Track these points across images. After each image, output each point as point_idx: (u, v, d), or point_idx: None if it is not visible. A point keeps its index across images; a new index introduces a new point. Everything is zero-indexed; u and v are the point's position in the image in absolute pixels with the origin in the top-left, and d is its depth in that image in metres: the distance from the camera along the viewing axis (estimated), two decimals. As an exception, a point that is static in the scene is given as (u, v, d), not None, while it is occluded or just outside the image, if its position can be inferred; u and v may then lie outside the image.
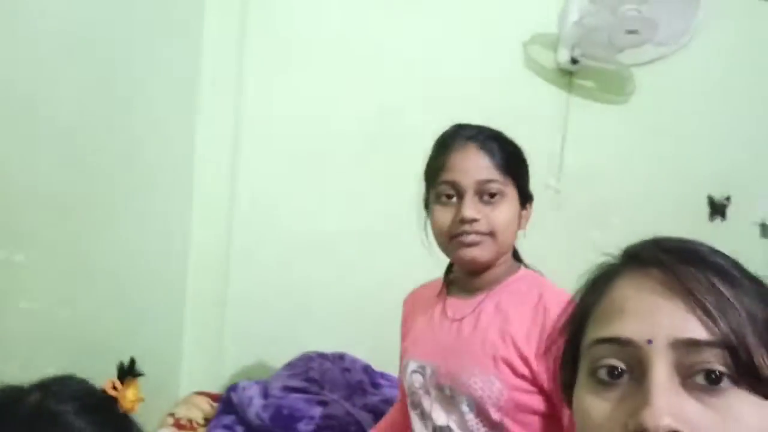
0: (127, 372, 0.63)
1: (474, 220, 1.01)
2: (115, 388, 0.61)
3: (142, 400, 0.62)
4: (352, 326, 1.89)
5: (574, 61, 1.94)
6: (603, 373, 0.48)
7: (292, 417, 1.38)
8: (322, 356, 1.66)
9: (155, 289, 1.58)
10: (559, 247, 2.01)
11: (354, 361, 1.68)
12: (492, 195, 1.02)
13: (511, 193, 1.04)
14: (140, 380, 1.36)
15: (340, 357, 1.67)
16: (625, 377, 0.47)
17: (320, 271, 1.90)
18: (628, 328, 0.48)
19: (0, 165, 0.90)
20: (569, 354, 0.56)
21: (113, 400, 0.61)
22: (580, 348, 0.53)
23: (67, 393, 0.59)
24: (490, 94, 1.95)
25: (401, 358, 1.14)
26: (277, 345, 1.83)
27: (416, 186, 1.16)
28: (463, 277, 1.09)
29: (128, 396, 0.61)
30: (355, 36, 1.90)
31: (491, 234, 1.02)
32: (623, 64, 1.91)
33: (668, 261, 0.49)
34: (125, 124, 1.31)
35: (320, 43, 1.88)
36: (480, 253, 1.02)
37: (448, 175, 1.04)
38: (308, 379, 1.53)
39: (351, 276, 1.91)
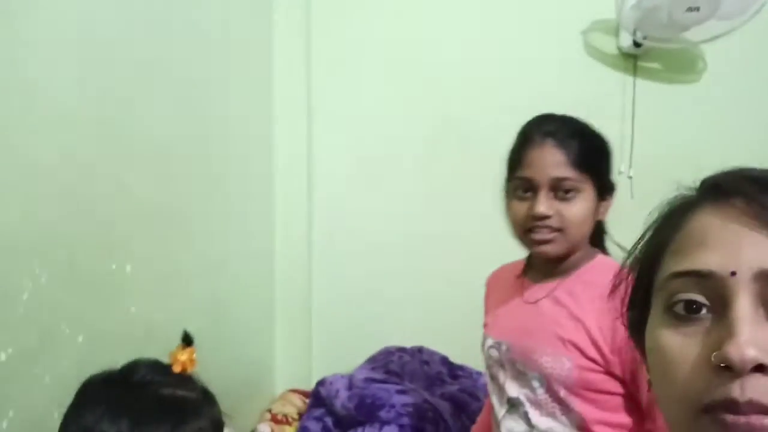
0: (184, 342, 0.77)
1: (546, 217, 1.02)
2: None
3: (193, 363, 0.75)
4: (430, 322, 1.96)
5: (636, 45, 1.92)
6: (680, 308, 0.46)
7: (375, 405, 1.47)
8: (401, 350, 1.75)
9: (245, 294, 1.72)
10: (634, 235, 1.99)
11: (432, 353, 1.75)
12: (567, 191, 1.03)
13: (588, 188, 1.04)
14: (240, 380, 1.50)
15: (419, 350, 1.75)
16: (704, 311, 0.45)
17: (398, 270, 2.00)
18: (709, 260, 0.46)
19: (105, 187, 1.04)
20: (640, 291, 0.54)
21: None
22: (654, 284, 0.51)
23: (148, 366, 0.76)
24: (553, 87, 1.96)
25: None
26: (361, 341, 1.94)
27: (484, 186, 1.22)
28: (540, 263, 1.12)
29: (179, 358, 0.77)
30: (416, 43, 1.98)
31: (563, 230, 1.03)
32: (691, 42, 1.87)
33: (752, 190, 0.46)
34: (211, 144, 1.46)
35: (384, 54, 1.98)
36: (551, 248, 1.05)
37: (523, 171, 1.06)
38: (389, 372, 1.62)
39: (427, 274, 1.98)
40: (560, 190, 1.03)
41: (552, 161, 1.03)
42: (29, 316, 0.88)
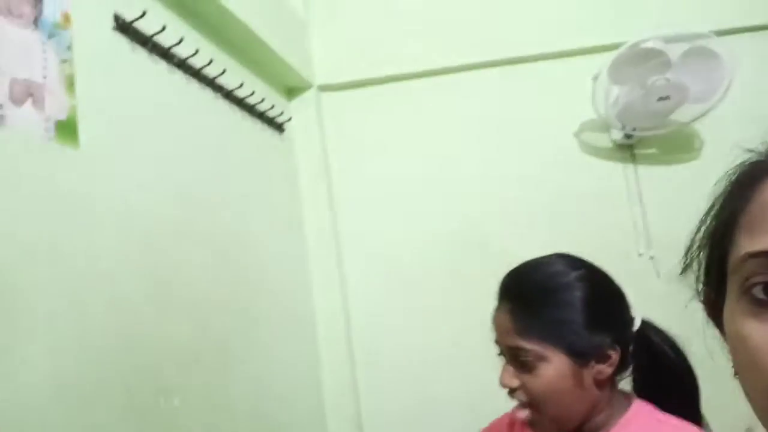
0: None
1: (512, 389, 0.90)
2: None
3: None
4: (481, 423, 2.01)
5: (628, 136, 2.08)
6: (759, 291, 0.41)
7: None
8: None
9: (294, 421, 1.87)
10: (666, 315, 2.03)
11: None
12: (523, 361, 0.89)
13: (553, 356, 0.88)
14: None
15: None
16: None
17: (442, 374, 2.10)
18: None
19: (151, 330, 1.27)
20: (713, 269, 0.49)
21: None
22: (728, 262, 0.46)
23: None
24: (558, 188, 2.14)
25: None
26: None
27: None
28: None
29: None
30: (429, 165, 2.21)
31: (533, 405, 0.90)
32: (680, 123, 2.00)
33: None
34: (247, 288, 1.69)
35: (401, 172, 2.21)
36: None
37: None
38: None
39: (470, 376, 2.07)
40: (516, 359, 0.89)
41: (502, 328, 0.92)
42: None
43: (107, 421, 1.09)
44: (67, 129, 1.08)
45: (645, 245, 2.10)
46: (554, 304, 0.89)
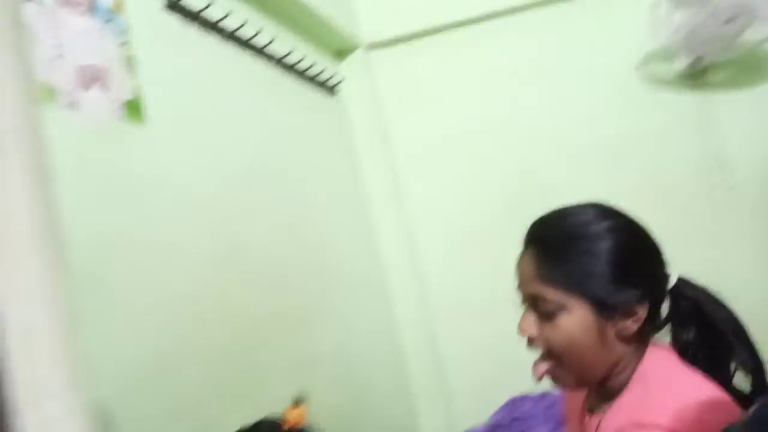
0: (295, 403, 0.99)
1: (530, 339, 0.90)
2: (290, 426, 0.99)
3: (302, 419, 0.96)
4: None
5: (695, 64, 1.97)
6: None
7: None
8: (524, 398, 1.83)
9: (376, 370, 1.93)
10: (743, 245, 1.95)
11: (556, 397, 1.81)
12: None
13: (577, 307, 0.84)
14: None
15: (542, 396, 1.82)
16: None
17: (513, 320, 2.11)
18: None
19: (226, 296, 1.34)
20: None
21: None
22: None
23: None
24: (623, 127, 2.06)
25: None
26: (495, 394, 2.03)
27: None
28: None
29: (290, 416, 0.96)
30: (487, 111, 2.18)
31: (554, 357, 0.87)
32: (752, 43, 1.88)
33: None
34: (315, 253, 1.75)
35: (458, 123, 2.19)
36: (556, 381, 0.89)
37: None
38: (514, 419, 1.71)
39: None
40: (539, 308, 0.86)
41: (525, 274, 0.89)
42: (196, 403, 1.16)
43: (199, 376, 1.17)
44: (133, 108, 1.13)
45: (724, 176, 2.01)
46: (581, 254, 0.85)
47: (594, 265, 0.84)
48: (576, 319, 0.83)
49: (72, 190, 0.99)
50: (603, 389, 0.87)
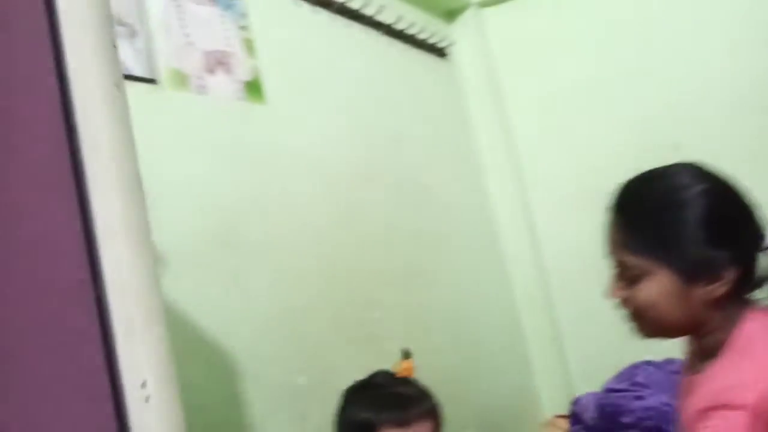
0: (404, 357, 1.08)
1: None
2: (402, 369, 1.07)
3: (411, 371, 1.03)
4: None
5: None
6: None
7: (615, 413, 1.54)
8: (648, 363, 1.77)
9: (490, 331, 1.97)
10: None
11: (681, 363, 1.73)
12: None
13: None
14: (505, 411, 1.73)
15: (669, 362, 1.75)
16: None
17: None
18: None
19: (351, 262, 1.42)
20: None
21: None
22: None
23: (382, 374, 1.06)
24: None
25: None
26: (615, 359, 1.99)
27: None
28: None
29: (400, 368, 1.06)
30: (611, 77, 2.08)
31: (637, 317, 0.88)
32: None
33: None
34: (428, 215, 1.79)
35: (577, 80, 2.10)
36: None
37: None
38: (634, 384, 1.66)
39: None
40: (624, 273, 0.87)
41: (611, 241, 0.89)
42: (315, 353, 1.27)
43: (322, 330, 1.28)
44: (253, 88, 1.23)
45: None
46: (667, 222, 0.84)
47: (680, 232, 0.83)
48: (658, 285, 0.83)
49: (206, 165, 1.11)
50: (698, 349, 0.87)
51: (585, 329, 2.12)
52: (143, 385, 0.34)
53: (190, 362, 0.96)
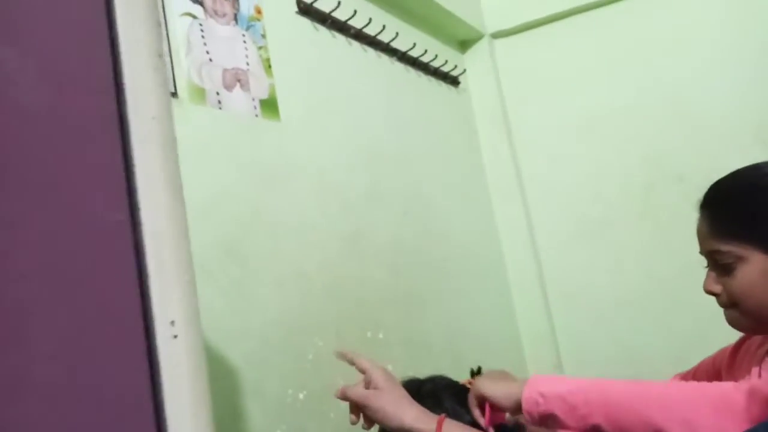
0: (475, 373, 1.09)
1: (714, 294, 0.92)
2: (470, 383, 1.05)
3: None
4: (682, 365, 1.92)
5: None
6: None
7: None
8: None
9: (493, 360, 1.96)
10: None
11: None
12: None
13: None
14: None
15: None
16: None
17: (637, 327, 2.04)
18: None
19: (354, 279, 1.44)
20: None
21: (467, 390, 1.03)
22: None
23: (443, 384, 1.05)
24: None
25: None
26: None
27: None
28: None
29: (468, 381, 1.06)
30: (607, 89, 2.11)
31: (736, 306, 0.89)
32: None
33: None
34: (433, 238, 1.81)
35: (583, 108, 2.13)
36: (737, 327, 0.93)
37: None
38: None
39: (668, 317, 1.98)
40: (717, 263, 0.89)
41: (701, 235, 0.92)
42: (315, 369, 1.28)
43: (324, 347, 1.29)
44: (269, 106, 1.26)
45: None
46: (752, 203, 0.87)
47: (765, 209, 0.86)
48: (753, 267, 0.85)
49: (220, 177, 1.13)
50: None
51: (587, 357, 2.12)
52: (172, 323, 0.37)
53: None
